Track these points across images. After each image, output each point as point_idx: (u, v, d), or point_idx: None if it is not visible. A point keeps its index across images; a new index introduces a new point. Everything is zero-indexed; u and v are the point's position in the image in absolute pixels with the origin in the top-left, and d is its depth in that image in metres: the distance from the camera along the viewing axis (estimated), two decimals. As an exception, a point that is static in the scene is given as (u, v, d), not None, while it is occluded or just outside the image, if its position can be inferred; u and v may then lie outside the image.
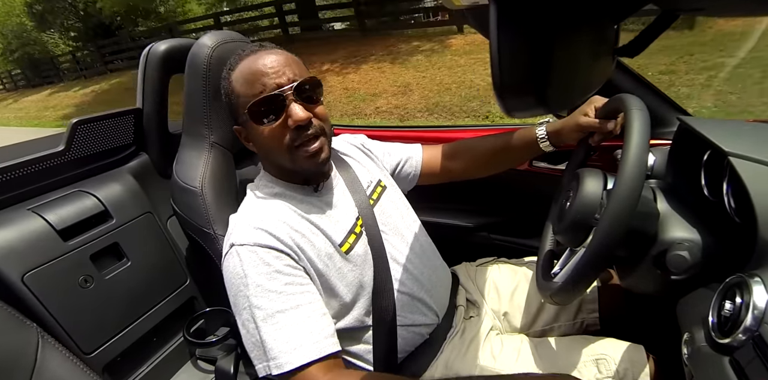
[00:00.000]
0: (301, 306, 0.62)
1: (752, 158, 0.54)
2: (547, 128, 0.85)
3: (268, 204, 0.71)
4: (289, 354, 0.59)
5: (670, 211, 0.61)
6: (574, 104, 1.01)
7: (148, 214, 0.93)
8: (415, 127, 1.41)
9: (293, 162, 0.69)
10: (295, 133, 0.67)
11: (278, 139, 0.67)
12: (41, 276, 0.73)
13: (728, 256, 0.56)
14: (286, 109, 0.66)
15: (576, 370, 0.72)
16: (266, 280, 0.61)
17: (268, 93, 0.65)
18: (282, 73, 0.66)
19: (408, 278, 0.78)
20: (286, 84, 0.66)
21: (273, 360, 0.59)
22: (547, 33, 0.29)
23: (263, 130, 0.67)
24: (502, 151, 0.91)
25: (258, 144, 0.72)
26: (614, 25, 0.37)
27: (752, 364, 0.41)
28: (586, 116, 0.78)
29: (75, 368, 0.58)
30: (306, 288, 0.64)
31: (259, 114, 0.66)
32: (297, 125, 0.66)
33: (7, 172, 0.80)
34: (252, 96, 0.66)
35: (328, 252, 0.69)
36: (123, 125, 0.97)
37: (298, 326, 0.60)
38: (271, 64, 0.66)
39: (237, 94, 0.68)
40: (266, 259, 0.63)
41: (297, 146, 0.67)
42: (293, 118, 0.65)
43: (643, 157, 0.54)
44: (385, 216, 0.81)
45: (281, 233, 0.65)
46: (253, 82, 0.66)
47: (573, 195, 0.66)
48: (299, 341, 0.59)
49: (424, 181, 0.98)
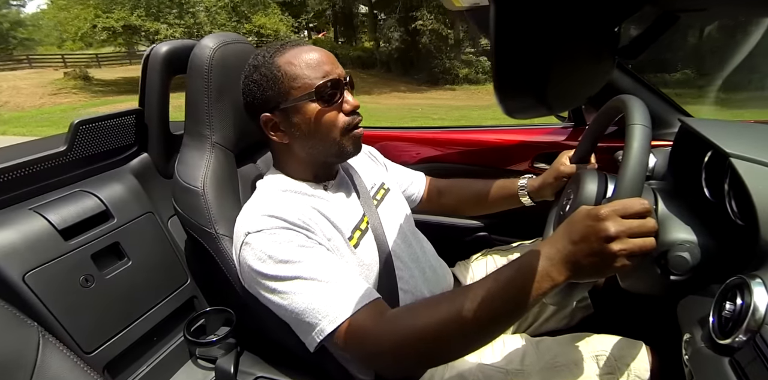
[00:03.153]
0: (333, 266, 0.63)
1: (753, 159, 0.54)
2: (528, 183, 0.89)
3: (278, 196, 0.73)
4: (339, 307, 0.59)
5: (670, 212, 0.61)
6: (575, 105, 1.01)
7: (149, 214, 0.93)
8: (415, 127, 1.41)
9: (342, 142, 0.73)
10: (350, 117, 0.73)
11: (334, 121, 0.72)
12: (42, 276, 0.73)
13: (729, 257, 0.55)
14: (343, 95, 0.72)
15: (576, 367, 0.73)
16: (293, 254, 0.63)
17: (333, 77, 0.70)
18: (337, 65, 0.73)
19: (411, 277, 0.79)
20: (342, 74, 0.72)
21: (325, 319, 0.59)
22: (547, 34, 0.29)
23: (321, 111, 0.71)
24: (486, 196, 0.95)
25: (306, 128, 0.72)
26: (615, 27, 0.37)
27: (753, 365, 0.41)
28: (564, 166, 0.84)
29: (76, 367, 0.58)
30: (330, 254, 0.66)
31: (325, 95, 0.70)
32: (352, 109, 0.72)
33: (9, 171, 0.80)
34: (317, 78, 0.69)
35: (336, 243, 0.70)
36: (124, 125, 0.98)
37: (337, 283, 0.61)
38: (327, 55, 0.72)
39: (293, 76, 0.70)
40: (287, 237, 0.64)
41: (350, 129, 0.73)
42: (350, 102, 0.72)
43: (643, 158, 0.54)
44: (388, 217, 0.83)
45: (293, 217, 0.66)
46: (315, 67, 0.70)
47: (573, 195, 0.66)
48: (344, 295, 0.60)
49: (422, 207, 1.04)
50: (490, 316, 0.53)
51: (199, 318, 0.91)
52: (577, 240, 0.51)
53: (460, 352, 0.59)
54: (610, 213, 0.50)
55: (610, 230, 0.49)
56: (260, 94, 0.72)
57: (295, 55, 0.70)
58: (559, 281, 0.52)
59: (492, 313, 0.53)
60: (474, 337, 0.56)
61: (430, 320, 0.56)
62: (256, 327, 0.84)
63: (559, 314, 0.90)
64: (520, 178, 0.91)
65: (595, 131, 0.80)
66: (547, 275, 0.52)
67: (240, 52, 0.87)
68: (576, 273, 0.52)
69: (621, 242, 0.49)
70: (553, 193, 0.86)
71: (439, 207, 1.02)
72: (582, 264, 0.51)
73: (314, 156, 0.75)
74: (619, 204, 0.50)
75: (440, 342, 0.55)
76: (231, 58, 0.85)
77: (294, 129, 0.72)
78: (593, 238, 0.50)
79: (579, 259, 0.51)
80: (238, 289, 0.73)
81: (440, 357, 0.59)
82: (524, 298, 0.52)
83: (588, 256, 0.50)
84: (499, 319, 0.54)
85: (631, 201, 0.51)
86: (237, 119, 0.87)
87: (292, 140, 0.74)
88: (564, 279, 0.52)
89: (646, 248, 0.49)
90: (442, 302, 0.57)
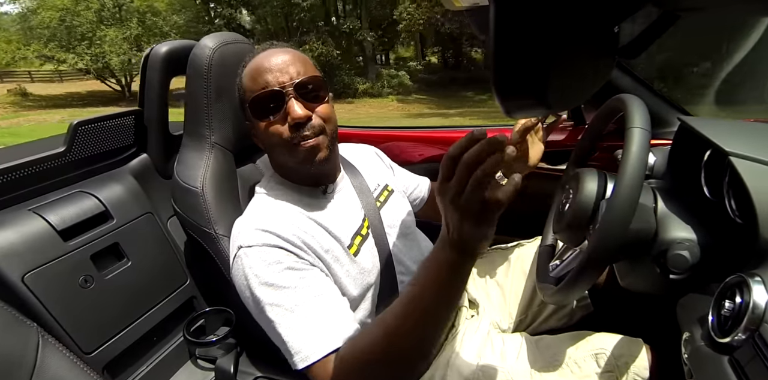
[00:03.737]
0: (318, 296, 0.62)
1: (753, 158, 0.54)
2: None
3: (274, 205, 0.72)
4: (311, 347, 0.59)
5: (670, 211, 0.61)
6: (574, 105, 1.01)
7: (148, 215, 0.93)
8: (415, 127, 1.41)
9: (293, 158, 0.71)
10: (294, 130, 0.68)
11: (277, 135, 0.69)
12: (42, 276, 0.73)
13: (728, 256, 0.56)
14: (286, 105, 0.67)
15: (576, 365, 0.73)
16: (279, 278, 0.62)
17: (270, 89, 0.67)
18: (285, 71, 0.68)
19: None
20: (287, 81, 0.67)
21: (297, 355, 0.59)
22: (547, 34, 0.29)
23: (263, 125, 0.70)
24: None
25: (260, 139, 0.74)
26: (614, 26, 0.37)
27: (752, 363, 0.41)
28: None
29: (75, 368, 0.58)
30: (319, 279, 0.65)
31: (260, 109, 0.69)
32: (295, 122, 0.67)
33: (9, 172, 0.80)
34: (254, 91, 0.68)
35: (335, 253, 0.70)
36: (124, 126, 0.98)
37: (315, 319, 0.61)
38: (276, 62, 0.69)
39: (244, 90, 0.71)
40: (277, 257, 0.63)
41: (295, 143, 0.69)
42: (291, 114, 0.67)
43: (643, 158, 0.54)
44: (391, 219, 0.83)
45: (287, 233, 0.65)
46: (257, 78, 0.68)
47: (572, 195, 0.66)
48: (320, 333, 0.60)
49: (423, 213, 1.02)
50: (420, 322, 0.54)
51: (198, 318, 0.91)
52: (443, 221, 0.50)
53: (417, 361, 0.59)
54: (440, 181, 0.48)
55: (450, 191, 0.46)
56: (239, 103, 0.75)
57: (251, 65, 0.71)
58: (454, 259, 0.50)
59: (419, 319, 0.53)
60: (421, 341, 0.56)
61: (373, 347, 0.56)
62: (255, 328, 0.84)
63: (559, 313, 0.90)
64: None
65: (595, 130, 0.80)
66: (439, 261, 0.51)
67: (239, 52, 0.87)
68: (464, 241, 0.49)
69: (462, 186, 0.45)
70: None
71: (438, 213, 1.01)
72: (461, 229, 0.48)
73: (286, 164, 0.75)
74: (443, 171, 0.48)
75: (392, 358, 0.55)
76: (230, 58, 0.85)
77: (258, 139, 0.75)
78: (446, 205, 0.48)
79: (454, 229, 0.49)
80: None
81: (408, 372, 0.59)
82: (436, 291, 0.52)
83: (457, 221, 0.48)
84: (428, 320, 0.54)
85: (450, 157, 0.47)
86: (236, 119, 0.87)
87: (264, 148, 0.76)
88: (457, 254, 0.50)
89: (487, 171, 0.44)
90: (374, 327, 0.58)
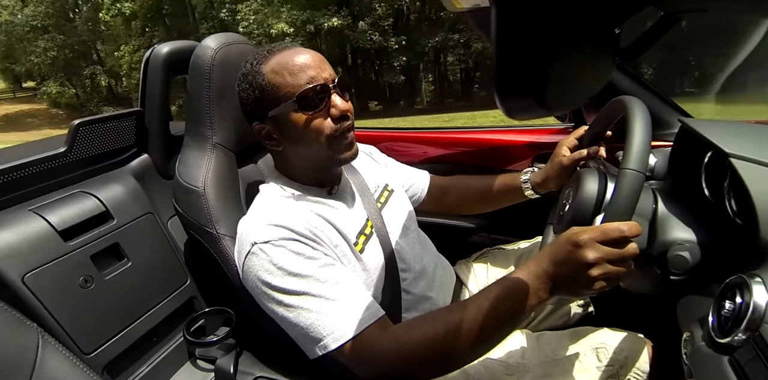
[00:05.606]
0: (340, 282, 0.63)
1: (753, 159, 0.54)
2: (531, 177, 0.89)
3: (282, 202, 0.72)
4: (344, 326, 0.60)
5: (670, 212, 0.61)
6: (575, 106, 1.02)
7: (149, 215, 0.93)
8: (418, 128, 1.41)
9: (332, 151, 0.71)
10: (338, 123, 0.69)
11: (320, 128, 0.69)
12: (42, 277, 0.73)
13: (728, 257, 0.56)
14: (330, 99, 0.69)
15: (577, 360, 0.74)
16: (301, 268, 0.62)
17: (317, 83, 0.67)
18: (323, 67, 0.69)
19: (415, 279, 0.80)
20: (329, 77, 0.69)
21: (329, 336, 0.60)
22: (548, 35, 0.29)
23: (307, 119, 0.68)
24: (489, 192, 0.95)
25: (294, 136, 0.71)
26: (615, 28, 0.37)
27: (752, 363, 0.41)
28: (565, 156, 0.82)
29: (75, 368, 0.58)
30: (338, 267, 0.66)
31: (308, 102, 0.68)
32: (341, 114, 0.69)
33: (9, 172, 0.80)
34: (299, 86, 0.67)
35: (343, 250, 0.70)
36: (125, 126, 0.98)
37: (344, 301, 0.62)
38: (313, 58, 0.69)
39: (277, 85, 0.68)
40: (295, 250, 0.64)
41: (337, 135, 0.70)
42: (338, 107, 0.68)
43: (643, 159, 0.54)
44: (392, 219, 0.83)
45: (300, 227, 0.66)
46: (298, 73, 0.68)
47: (572, 195, 0.66)
48: (350, 313, 0.61)
49: (424, 207, 1.02)
50: (483, 332, 0.57)
51: (198, 318, 0.91)
52: (559, 263, 0.55)
53: (456, 366, 0.63)
54: (588, 240, 0.53)
55: (588, 257, 0.52)
56: (250, 102, 0.71)
57: (279, 62, 0.68)
58: (543, 298, 0.57)
59: (485, 329, 0.57)
60: (470, 351, 0.60)
61: (428, 337, 0.59)
62: (255, 328, 0.84)
63: (558, 312, 0.90)
64: (521, 172, 0.91)
65: (596, 132, 0.80)
66: (534, 292, 0.56)
67: (241, 52, 0.87)
68: (559, 292, 0.57)
69: (599, 268, 0.53)
70: (558, 185, 0.85)
71: (443, 205, 1.01)
72: (563, 285, 0.56)
73: (308, 162, 0.74)
74: (598, 231, 0.53)
75: (439, 357, 0.59)
76: (232, 58, 0.85)
77: (284, 137, 0.72)
78: (573, 263, 0.54)
79: (560, 281, 0.56)
80: (238, 290, 0.73)
81: (438, 371, 0.63)
82: (514, 314, 0.57)
83: (568, 279, 0.55)
84: (492, 334, 0.59)
85: (610, 229, 0.53)
86: (238, 120, 0.87)
87: (285, 147, 0.73)
88: (548, 296, 0.57)
89: (622, 273, 0.54)
90: (438, 320, 0.60)
